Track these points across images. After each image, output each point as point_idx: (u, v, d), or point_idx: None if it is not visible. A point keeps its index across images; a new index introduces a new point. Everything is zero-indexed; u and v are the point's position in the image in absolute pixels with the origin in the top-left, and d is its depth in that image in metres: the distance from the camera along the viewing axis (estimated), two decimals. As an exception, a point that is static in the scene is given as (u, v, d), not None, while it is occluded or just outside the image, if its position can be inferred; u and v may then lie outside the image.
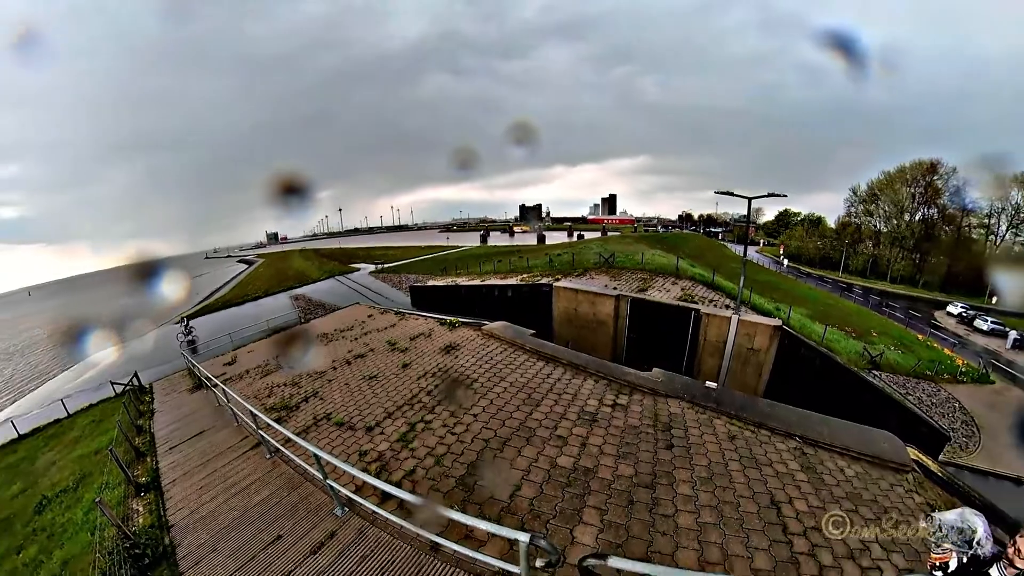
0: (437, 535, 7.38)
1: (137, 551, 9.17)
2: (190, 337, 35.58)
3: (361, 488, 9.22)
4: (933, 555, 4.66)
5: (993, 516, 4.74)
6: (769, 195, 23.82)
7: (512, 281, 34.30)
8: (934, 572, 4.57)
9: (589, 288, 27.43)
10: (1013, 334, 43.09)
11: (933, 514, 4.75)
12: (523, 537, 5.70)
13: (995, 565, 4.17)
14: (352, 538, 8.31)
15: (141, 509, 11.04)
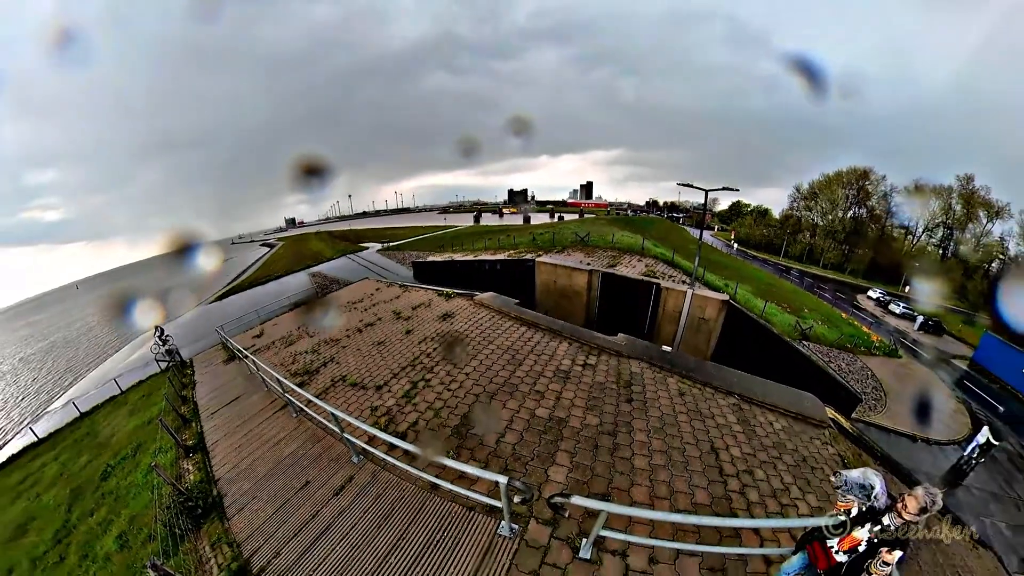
0: (435, 477, 7.78)
1: (190, 503, 9.49)
2: (167, 347, 27.55)
3: (372, 439, 9.38)
4: (839, 503, 5.03)
5: (889, 464, 5.17)
6: (724, 188, 24.54)
7: (501, 257, 34.44)
8: (839, 516, 4.93)
9: (566, 263, 27.70)
10: (920, 319, 46.00)
11: (840, 471, 5.19)
12: (502, 479, 6.10)
13: (887, 515, 4.57)
14: (367, 481, 8.64)
15: (191, 468, 11.28)
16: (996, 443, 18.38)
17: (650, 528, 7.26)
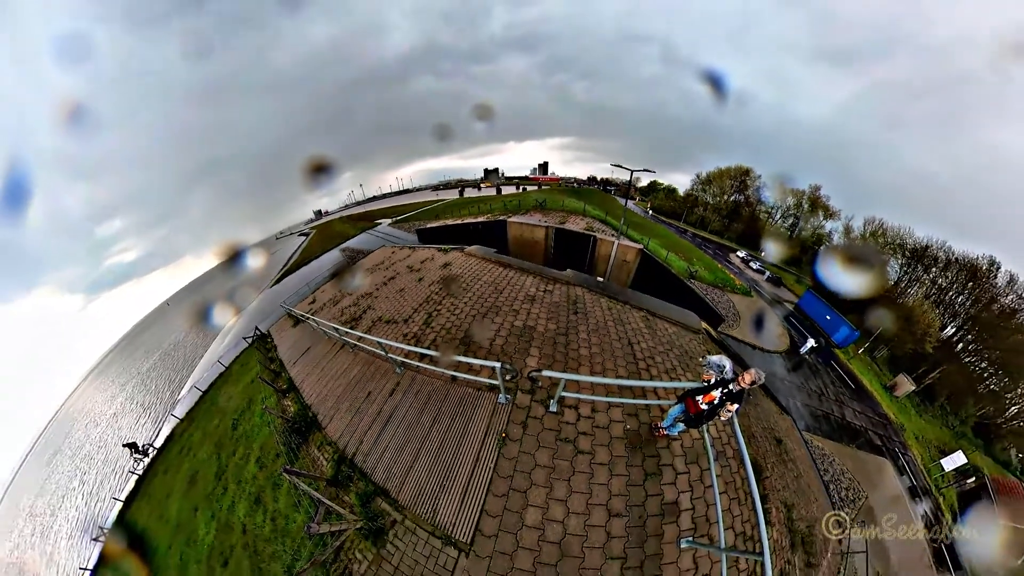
0: (453, 372, 8.83)
1: (296, 426, 10.24)
2: (146, 459, 19.18)
3: (408, 355, 9.91)
4: (704, 375, 6.11)
5: (735, 359, 6.27)
6: (644, 170, 25.53)
7: (481, 219, 34.30)
8: (704, 382, 6.07)
9: (529, 222, 28.11)
10: (767, 273, 51.27)
11: (707, 356, 6.40)
12: (497, 364, 7.13)
13: (731, 383, 5.76)
14: (408, 383, 9.45)
15: (289, 403, 11.90)
16: (816, 345, 19.71)
17: (591, 390, 8.30)
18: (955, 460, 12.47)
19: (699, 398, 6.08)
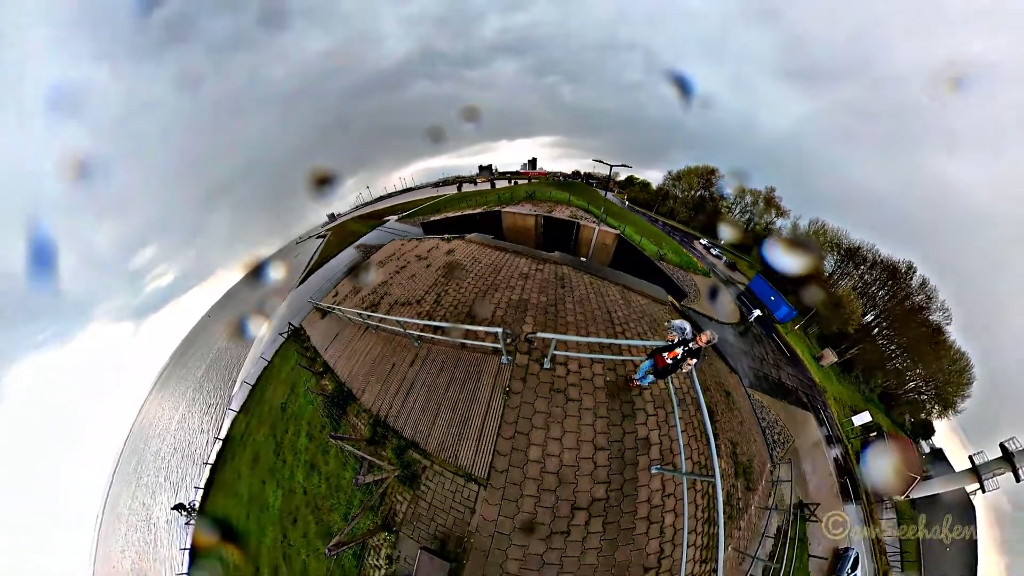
0: (462, 339, 9.41)
1: (335, 400, 10.79)
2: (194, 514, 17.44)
3: (423, 329, 10.35)
4: (668, 336, 6.67)
5: (694, 324, 6.79)
6: (622, 165, 25.86)
7: (479, 210, 34.42)
8: (668, 342, 6.65)
9: (521, 211, 28.39)
10: (724, 259, 52.21)
11: (671, 320, 6.87)
12: (498, 329, 7.73)
13: (690, 342, 6.34)
14: (425, 354, 9.98)
15: (327, 383, 12.27)
16: (760, 315, 20.33)
17: (578, 349, 8.96)
18: (863, 418, 13.50)
19: (665, 355, 6.66)
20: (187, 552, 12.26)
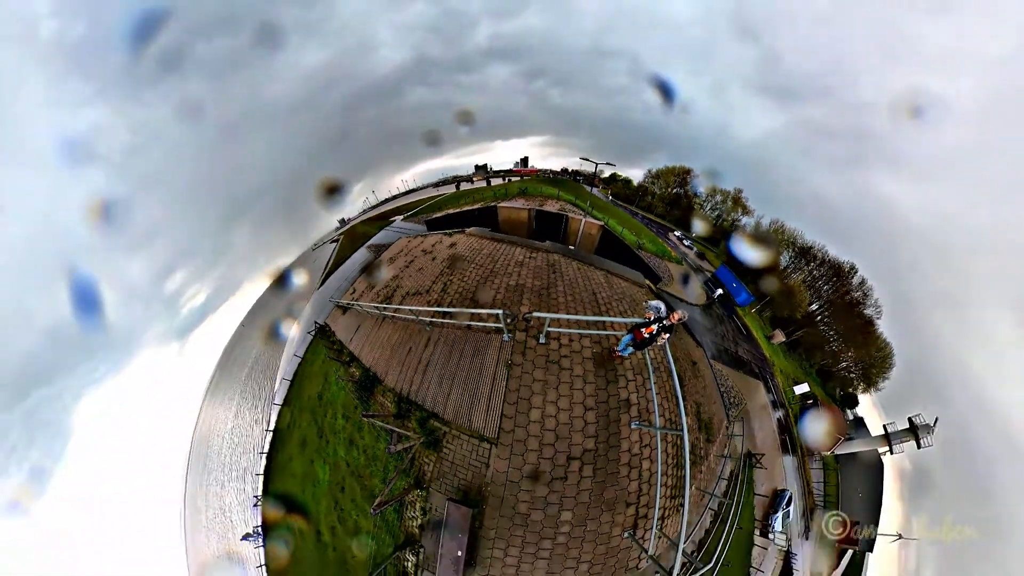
0: (468, 321, 9.89)
1: (363, 384, 11.30)
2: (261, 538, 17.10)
3: (433, 315, 10.80)
4: (646, 314, 7.15)
5: (667, 304, 7.28)
6: (606, 163, 26.07)
7: (477, 206, 34.49)
8: (646, 319, 7.12)
9: (515, 206, 28.44)
10: (695, 249, 51.22)
11: (648, 301, 7.42)
12: (499, 311, 8.32)
13: (664, 320, 6.86)
14: (437, 336, 10.48)
15: (354, 370, 12.48)
16: (722, 293, 21.04)
17: (568, 326, 9.50)
18: (802, 388, 14.60)
19: (643, 330, 7.19)
20: (260, 528, 13.00)
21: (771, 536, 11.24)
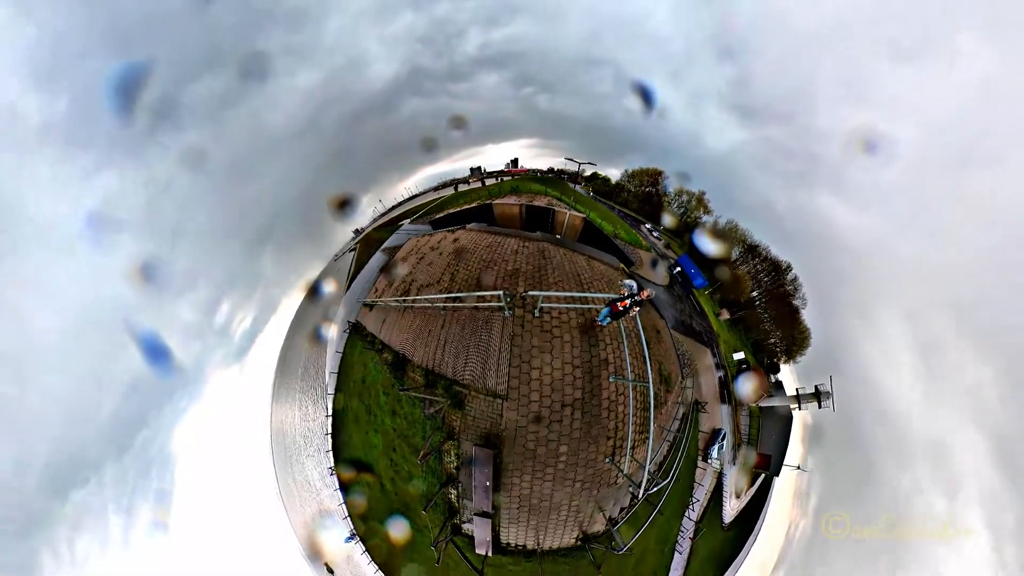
0: (475, 304, 10.52)
1: (396, 365, 11.77)
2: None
3: (446, 301, 11.25)
4: (621, 290, 7.89)
5: (638, 283, 8.04)
6: (588, 163, 25.80)
7: (474, 205, 34.72)
8: (621, 294, 7.75)
9: (508, 202, 27.98)
10: (662, 240, 50.22)
11: (623, 280, 8.12)
12: (500, 293, 9.06)
13: (637, 295, 7.51)
14: (451, 318, 11.00)
15: (387, 355, 12.79)
16: (680, 269, 22.09)
17: (558, 302, 10.34)
18: (739, 355, 16.37)
19: (619, 304, 7.90)
20: (338, 489, 14.27)
21: (709, 461, 13.29)
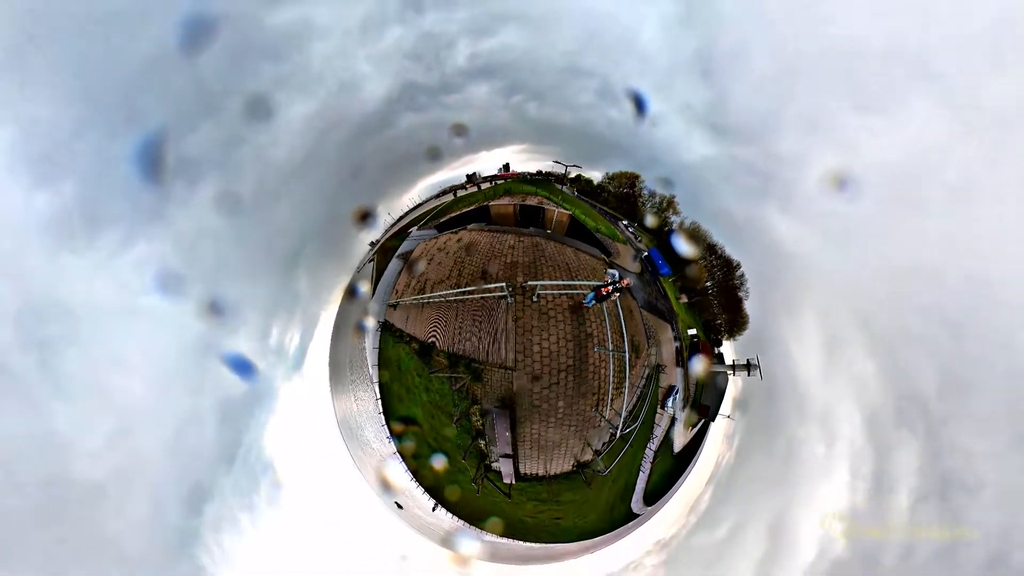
0: (482, 294, 11.25)
1: (423, 351, 11.89)
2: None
3: (458, 294, 11.48)
4: (605, 278, 8.77)
5: (619, 272, 8.79)
6: (574, 166, 25.71)
7: (472, 208, 35.05)
8: (605, 281, 8.50)
9: (503, 202, 27.78)
10: (637, 235, 49.14)
11: (606, 270, 8.84)
12: (502, 283, 10.05)
13: (619, 282, 8.43)
14: (463, 308, 11.62)
15: (414, 344, 12.54)
16: (647, 255, 22.82)
17: (551, 288, 11.20)
18: (692, 331, 17.62)
19: (602, 290, 8.84)
20: (391, 438, 15.45)
21: (666, 409, 14.81)
